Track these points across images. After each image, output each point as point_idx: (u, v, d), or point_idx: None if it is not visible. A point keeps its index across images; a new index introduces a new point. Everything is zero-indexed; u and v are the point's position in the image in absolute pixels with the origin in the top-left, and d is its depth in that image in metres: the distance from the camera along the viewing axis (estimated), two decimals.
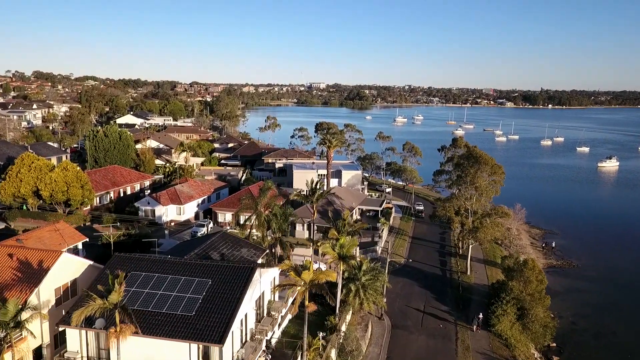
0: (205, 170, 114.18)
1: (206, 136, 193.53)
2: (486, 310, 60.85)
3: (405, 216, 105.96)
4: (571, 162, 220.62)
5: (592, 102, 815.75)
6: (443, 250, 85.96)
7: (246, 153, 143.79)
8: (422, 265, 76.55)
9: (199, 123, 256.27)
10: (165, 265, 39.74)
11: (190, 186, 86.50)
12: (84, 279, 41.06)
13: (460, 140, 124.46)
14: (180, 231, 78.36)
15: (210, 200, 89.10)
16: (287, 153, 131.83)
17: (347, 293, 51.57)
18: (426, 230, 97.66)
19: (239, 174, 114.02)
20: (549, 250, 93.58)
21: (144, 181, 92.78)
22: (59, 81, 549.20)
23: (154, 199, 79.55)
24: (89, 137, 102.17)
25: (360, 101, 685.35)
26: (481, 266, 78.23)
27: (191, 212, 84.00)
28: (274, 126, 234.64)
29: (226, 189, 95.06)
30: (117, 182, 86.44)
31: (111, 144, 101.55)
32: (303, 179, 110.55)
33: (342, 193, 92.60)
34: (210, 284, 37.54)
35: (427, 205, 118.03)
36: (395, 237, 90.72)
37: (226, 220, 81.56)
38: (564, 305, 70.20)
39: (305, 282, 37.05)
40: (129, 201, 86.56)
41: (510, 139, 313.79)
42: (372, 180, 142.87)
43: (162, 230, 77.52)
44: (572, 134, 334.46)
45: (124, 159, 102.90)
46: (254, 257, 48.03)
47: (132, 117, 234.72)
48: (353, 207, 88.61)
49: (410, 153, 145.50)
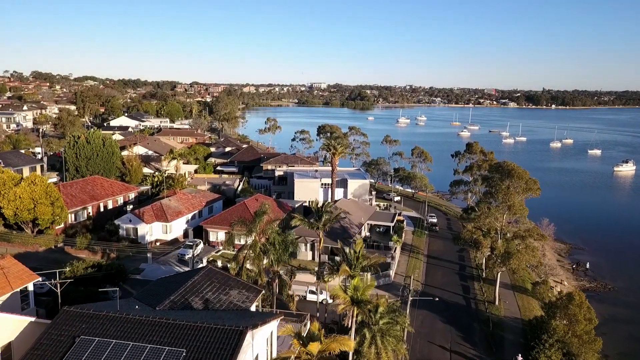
0: (199, 179, 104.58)
1: (203, 139, 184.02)
2: (524, 353, 51.28)
3: (417, 230, 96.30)
4: (585, 166, 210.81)
5: (595, 102, 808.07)
6: (463, 272, 76.26)
7: (244, 158, 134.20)
8: (442, 292, 66.80)
9: (197, 125, 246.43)
10: (126, 326, 30.12)
11: (178, 200, 76.87)
12: (24, 340, 31.52)
13: (475, 145, 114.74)
14: (165, 252, 68.76)
15: (201, 215, 79.49)
16: (287, 159, 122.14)
17: (360, 342, 41.96)
18: (442, 247, 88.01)
19: (235, 183, 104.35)
20: (581, 271, 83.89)
21: (129, 193, 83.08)
22: (57, 81, 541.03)
23: (136, 215, 69.94)
24: (69, 143, 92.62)
25: (361, 101, 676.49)
26: (509, 293, 68.45)
27: (179, 229, 74.40)
28: (274, 128, 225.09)
29: (220, 202, 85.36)
30: (96, 195, 76.77)
31: (94, 151, 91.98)
32: (305, 188, 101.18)
33: (349, 206, 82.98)
34: (185, 356, 27.95)
35: (440, 216, 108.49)
36: (408, 256, 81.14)
37: (218, 239, 71.95)
38: (609, 341, 60.43)
39: (312, 354, 27.54)
40: (110, 217, 77.07)
41: (517, 140, 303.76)
42: (378, 187, 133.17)
43: (146, 251, 67.95)
44: (581, 136, 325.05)
45: (108, 168, 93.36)
46: (247, 303, 38.41)
47: (126, 119, 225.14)
48: (362, 223, 79.00)
49: (419, 158, 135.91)
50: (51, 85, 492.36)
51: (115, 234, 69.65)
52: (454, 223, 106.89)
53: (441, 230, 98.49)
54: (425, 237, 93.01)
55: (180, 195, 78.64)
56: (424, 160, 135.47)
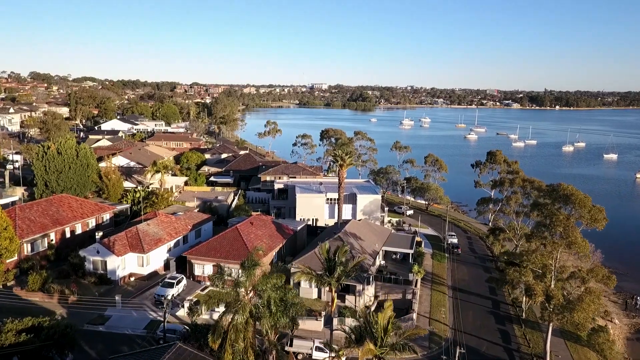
0: (188, 194, 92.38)
1: (198, 144, 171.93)
2: None
3: (436, 253, 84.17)
4: (603, 173, 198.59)
5: (599, 103, 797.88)
6: (497, 310, 64.01)
7: (240, 167, 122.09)
8: (477, 341, 54.69)
9: (194, 128, 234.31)
10: None
11: (159, 224, 64.72)
12: None
13: (498, 154, 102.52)
14: (141, 291, 56.62)
15: (187, 241, 67.36)
16: (288, 169, 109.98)
17: None
18: (467, 275, 75.86)
19: (228, 198, 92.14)
20: (634, 306, 71.71)
21: (102, 214, 70.93)
22: (55, 82, 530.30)
23: (105, 246, 57.79)
24: (37, 154, 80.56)
25: (363, 102, 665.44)
26: (559, 342, 55.98)
27: (159, 260, 62.23)
28: (274, 132, 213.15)
29: (209, 224, 73.16)
30: (61, 218, 64.58)
31: (65, 164, 79.95)
32: (308, 205, 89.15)
33: (361, 229, 70.77)
34: None
35: (459, 234, 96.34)
36: (430, 288, 68.98)
37: (205, 273, 59.79)
38: None
39: None
40: (78, 244, 65.06)
41: (527, 144, 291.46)
42: (388, 199, 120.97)
43: (116, 290, 55.94)
44: (593, 139, 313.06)
45: (82, 183, 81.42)
46: None
47: (118, 123, 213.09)
48: (377, 251, 66.84)
49: (433, 167, 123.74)
50: (48, 86, 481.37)
51: (80, 268, 57.50)
52: (475, 242, 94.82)
53: (463, 252, 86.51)
54: (447, 262, 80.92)
55: (162, 218, 66.45)
56: (439, 169, 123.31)
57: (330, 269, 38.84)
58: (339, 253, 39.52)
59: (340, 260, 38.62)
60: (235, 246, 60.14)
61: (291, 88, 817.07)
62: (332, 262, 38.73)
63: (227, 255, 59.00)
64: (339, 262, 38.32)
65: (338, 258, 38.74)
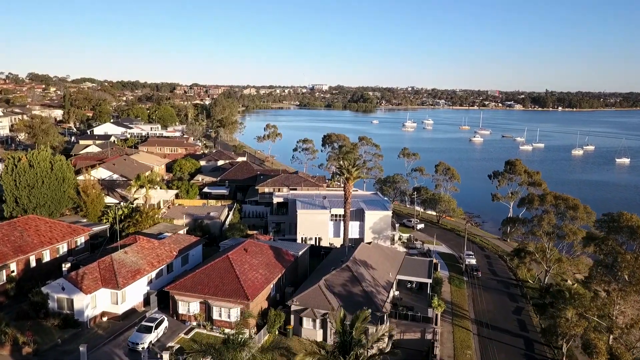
0: (177, 210, 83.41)
1: (193, 150, 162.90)
2: None
3: (454, 276, 75.33)
4: (620, 179, 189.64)
5: (602, 104, 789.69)
6: (532, 352, 54.98)
7: (237, 177, 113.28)
8: None
9: (190, 131, 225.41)
10: None
11: (139, 251, 55.80)
12: None
13: (518, 165, 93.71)
14: (114, 335, 47.69)
15: (171, 270, 58.42)
16: (289, 180, 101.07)
17: None
18: (491, 304, 66.96)
19: (222, 214, 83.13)
20: None
21: (76, 238, 62.02)
22: (54, 84, 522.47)
23: (72, 281, 48.84)
24: (7, 167, 71.64)
25: (364, 103, 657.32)
26: None
27: (138, 295, 53.25)
28: (274, 135, 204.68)
29: (199, 247, 64.15)
30: (25, 245, 55.70)
31: (38, 178, 71.07)
32: (311, 222, 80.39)
33: (371, 254, 61.90)
34: None
35: (476, 252, 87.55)
36: (451, 323, 60.07)
37: (191, 312, 50.87)
38: None
39: None
40: (45, 275, 56.20)
41: (535, 147, 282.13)
42: (395, 209, 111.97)
43: (83, 334, 47.04)
44: (602, 142, 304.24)
45: (57, 199, 72.53)
46: None
47: (112, 126, 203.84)
48: (391, 281, 57.95)
49: (445, 176, 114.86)
50: (46, 87, 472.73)
51: (43, 307, 48.58)
52: (495, 263, 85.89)
53: (483, 274, 77.68)
54: (466, 288, 72.06)
55: (143, 244, 57.51)
56: (450, 178, 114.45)
57: (344, 346, 29.52)
58: (357, 325, 30.18)
59: (359, 337, 29.28)
60: (226, 280, 51.25)
61: (292, 89, 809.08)
62: (347, 337, 29.55)
63: (216, 291, 50.14)
64: (356, 338, 29.02)
65: (355, 331, 29.47)
